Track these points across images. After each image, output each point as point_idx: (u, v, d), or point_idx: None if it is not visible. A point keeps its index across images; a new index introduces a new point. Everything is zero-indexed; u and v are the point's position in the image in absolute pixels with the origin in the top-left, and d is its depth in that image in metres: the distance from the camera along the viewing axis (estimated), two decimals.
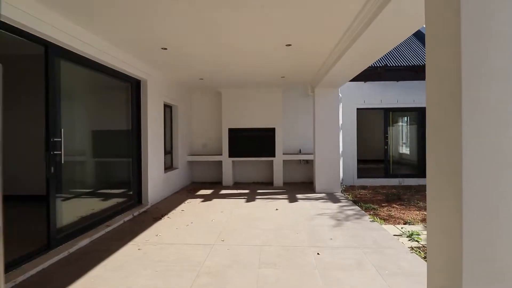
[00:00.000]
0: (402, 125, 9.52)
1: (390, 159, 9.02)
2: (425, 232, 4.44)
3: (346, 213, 5.35)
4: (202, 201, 6.33)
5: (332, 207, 5.85)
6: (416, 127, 9.07)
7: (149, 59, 5.38)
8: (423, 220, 5.11)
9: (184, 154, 8.23)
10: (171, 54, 5.08)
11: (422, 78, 7.74)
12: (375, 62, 7.72)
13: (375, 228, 4.50)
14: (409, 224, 4.88)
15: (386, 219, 5.19)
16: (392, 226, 4.83)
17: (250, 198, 6.67)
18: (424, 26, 1.95)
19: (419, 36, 10.14)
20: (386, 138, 8.96)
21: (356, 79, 7.62)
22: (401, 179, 8.47)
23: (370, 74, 7.75)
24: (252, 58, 5.33)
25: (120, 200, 5.22)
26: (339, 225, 4.63)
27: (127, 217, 4.96)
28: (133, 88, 5.62)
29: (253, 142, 8.36)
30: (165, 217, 5.12)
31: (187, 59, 5.38)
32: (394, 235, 4.33)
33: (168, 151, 7.46)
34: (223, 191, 7.48)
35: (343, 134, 8.39)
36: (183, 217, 5.12)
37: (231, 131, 8.38)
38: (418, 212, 5.65)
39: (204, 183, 8.81)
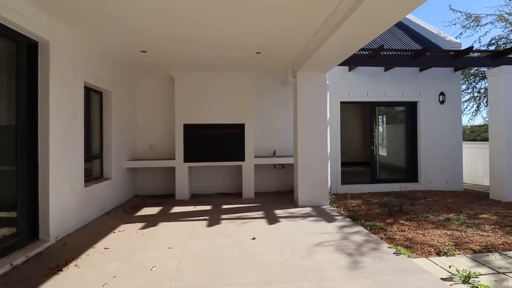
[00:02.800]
0: (389, 122, 8.35)
1: (377, 162, 7.75)
2: (482, 270, 2.98)
3: (354, 240, 3.75)
4: (142, 228, 4.30)
5: (329, 229, 4.23)
6: (403, 124, 7.93)
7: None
8: (459, 246, 3.70)
9: (122, 159, 6.07)
10: None
11: (419, 64, 6.56)
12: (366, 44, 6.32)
13: (409, 268, 2.94)
14: (446, 255, 3.41)
15: (409, 246, 3.68)
16: (425, 259, 3.32)
17: (214, 219, 4.79)
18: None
19: (401, 26, 9.17)
20: (372, 137, 7.68)
21: (341, 64, 6.17)
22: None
23: (359, 59, 6.37)
24: (216, 8, 3.51)
25: None
26: (356, 266, 2.98)
27: None
28: (21, 53, 3.44)
29: (217, 142, 6.49)
30: (71, 264, 3.04)
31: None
32: (442, 279, 2.80)
33: (96, 155, 5.27)
34: (176, 209, 5.48)
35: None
36: (103, 263, 3.08)
37: (188, 128, 6.42)
38: (439, 231, 4.27)
39: (151, 196, 6.69)
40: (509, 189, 6.20)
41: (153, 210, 5.34)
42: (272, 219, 4.74)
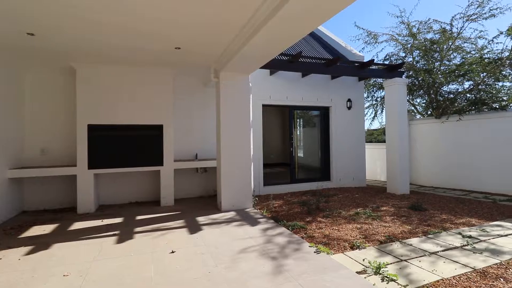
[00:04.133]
0: (306, 125, 8.88)
1: (296, 163, 8.15)
2: (388, 259, 3.29)
3: (277, 242, 3.75)
4: (29, 253, 3.44)
5: (253, 233, 4.15)
6: (318, 127, 8.55)
7: None
8: (368, 238, 4.05)
9: (2, 167, 4.84)
10: None
11: (332, 72, 7.16)
12: (286, 50, 6.56)
13: (329, 266, 3.05)
14: (358, 248, 3.68)
15: (327, 243, 3.87)
16: (342, 255, 3.51)
17: (126, 233, 4.20)
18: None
19: (315, 37, 9.92)
20: (291, 139, 8.03)
21: (264, 67, 6.27)
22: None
23: (280, 63, 6.56)
24: None
25: None
26: (281, 270, 2.94)
27: None
28: None
29: (130, 146, 5.78)
30: None
31: None
32: (358, 272, 2.97)
33: None
34: (77, 225, 4.63)
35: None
36: None
37: (93, 129, 5.54)
38: (351, 226, 4.64)
39: (44, 211, 5.55)
40: (400, 187, 7.33)
41: (46, 229, 4.39)
42: (194, 228, 4.42)
